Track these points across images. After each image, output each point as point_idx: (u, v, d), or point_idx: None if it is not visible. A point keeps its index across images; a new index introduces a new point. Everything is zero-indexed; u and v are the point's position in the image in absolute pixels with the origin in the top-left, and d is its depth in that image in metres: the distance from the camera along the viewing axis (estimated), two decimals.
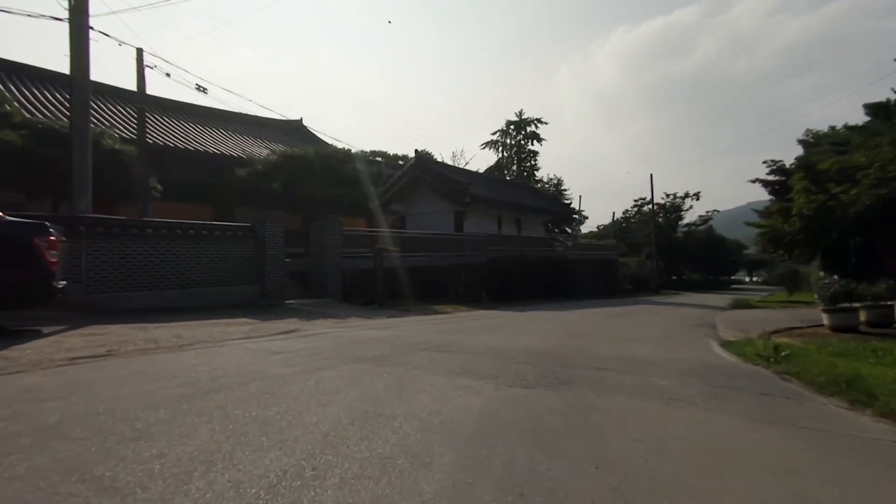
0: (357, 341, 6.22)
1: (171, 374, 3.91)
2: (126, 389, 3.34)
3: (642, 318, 13.36)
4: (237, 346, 5.58)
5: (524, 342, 6.74)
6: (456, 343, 6.25)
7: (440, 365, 4.65)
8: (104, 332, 6.63)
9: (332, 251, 14.41)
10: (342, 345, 5.83)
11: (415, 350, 5.55)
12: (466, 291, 20.29)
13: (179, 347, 5.43)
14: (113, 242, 9.85)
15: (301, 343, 5.97)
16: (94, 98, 19.35)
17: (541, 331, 8.64)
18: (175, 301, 10.57)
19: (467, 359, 5.03)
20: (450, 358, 5.06)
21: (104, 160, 13.43)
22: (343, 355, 5.05)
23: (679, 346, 7.41)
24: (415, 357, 5.07)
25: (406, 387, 3.67)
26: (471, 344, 6.25)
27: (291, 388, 3.51)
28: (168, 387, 3.44)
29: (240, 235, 11.99)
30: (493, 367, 4.57)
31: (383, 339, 6.45)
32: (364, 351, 5.39)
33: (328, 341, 6.19)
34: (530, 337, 7.51)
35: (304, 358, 4.86)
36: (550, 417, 2.94)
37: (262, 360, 4.69)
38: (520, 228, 29.49)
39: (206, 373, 3.96)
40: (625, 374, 4.45)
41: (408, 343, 6.11)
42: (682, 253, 48.20)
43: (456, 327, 8.99)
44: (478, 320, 11.07)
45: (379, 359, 4.89)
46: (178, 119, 21.94)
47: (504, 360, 5.05)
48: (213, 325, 8.05)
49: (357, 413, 2.90)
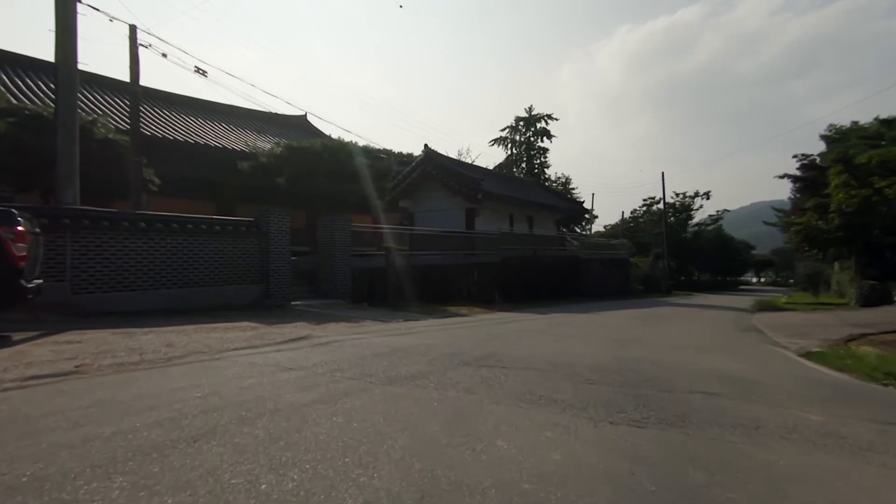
0: (381, 352, 5.19)
1: (148, 403, 2.89)
2: (75, 434, 2.32)
3: (679, 323, 12.30)
4: (238, 360, 4.56)
5: (576, 352, 5.70)
6: (499, 354, 5.22)
7: (498, 387, 3.62)
8: (82, 339, 5.63)
9: (342, 248, 13.40)
10: (365, 357, 4.81)
11: (455, 364, 4.52)
12: (479, 292, 19.29)
13: (167, 361, 4.41)
14: (101, 237, 8.86)
15: (315, 354, 4.94)
16: (86, 88, 18.43)
17: (583, 337, 7.59)
18: (171, 302, 9.58)
19: (527, 378, 4.00)
20: (504, 376, 4.03)
21: (96, 150, 12.46)
22: (370, 373, 4.02)
23: (753, 356, 6.37)
24: (460, 374, 4.04)
25: (471, 425, 2.65)
26: (517, 355, 5.22)
27: (314, 429, 2.49)
28: (139, 428, 2.42)
29: (242, 230, 10.99)
30: (567, 390, 3.54)
31: (411, 349, 5.43)
32: (395, 366, 4.36)
33: (347, 352, 5.17)
34: (578, 345, 6.47)
35: (322, 376, 3.84)
36: (717, 489, 1.91)
37: (269, 380, 3.66)
38: (532, 226, 28.44)
39: (196, 402, 2.94)
40: (743, 401, 3.41)
41: (442, 355, 5.08)
42: (692, 253, 47.09)
43: (485, 333, 7.96)
44: (503, 324, 10.03)
45: (417, 378, 3.86)
46: (178, 112, 20.96)
47: (572, 378, 4.02)
48: (210, 329, 7.04)
49: (422, 481, 1.88)
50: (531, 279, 21.40)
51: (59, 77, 9.46)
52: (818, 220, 17.38)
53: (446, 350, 5.41)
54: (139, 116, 11.52)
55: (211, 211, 15.57)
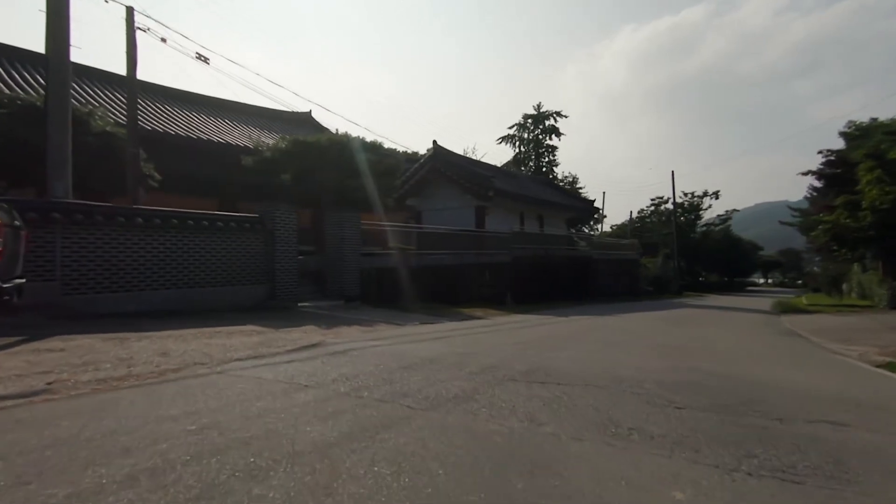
0: (409, 363, 4.47)
1: (124, 444, 2.18)
2: (9, 500, 1.61)
3: (711, 327, 11.53)
4: (243, 373, 3.85)
5: (629, 363, 4.96)
6: (545, 367, 4.49)
7: (567, 413, 2.89)
8: (66, 346, 4.93)
9: (351, 247, 12.69)
10: (392, 371, 4.09)
11: (500, 380, 3.80)
12: (490, 292, 18.58)
13: (159, 376, 3.70)
14: (95, 233, 8.18)
15: (333, 367, 4.23)
16: (83, 82, 17.81)
17: (622, 344, 6.85)
18: (170, 303, 8.89)
19: (595, 399, 3.27)
20: (566, 396, 3.31)
21: (93, 144, 11.83)
22: (404, 392, 3.30)
23: (825, 368, 5.62)
24: (511, 394, 3.32)
25: (563, 478, 1.93)
26: (565, 368, 4.49)
27: (350, 488, 1.77)
28: (104, 489, 1.71)
29: (246, 227, 10.30)
30: (657, 419, 2.82)
31: (441, 360, 4.71)
32: (430, 382, 3.64)
33: (369, 363, 4.45)
34: (623, 354, 5.73)
35: (346, 398, 3.13)
36: None
37: (282, 403, 2.95)
38: (542, 225, 27.69)
39: (188, 441, 2.22)
40: (887, 434, 2.68)
41: (480, 367, 4.36)
42: (700, 254, 46.25)
43: (513, 339, 7.23)
44: (527, 328, 9.31)
45: (462, 400, 3.14)
46: (179, 108, 20.32)
47: (649, 399, 3.29)
48: (212, 334, 6.35)
49: None
50: (543, 280, 20.69)
51: (50, 61, 8.79)
52: (847, 217, 16.56)
53: (483, 361, 4.69)
54: (136, 105, 10.85)
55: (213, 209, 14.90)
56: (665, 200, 48.85)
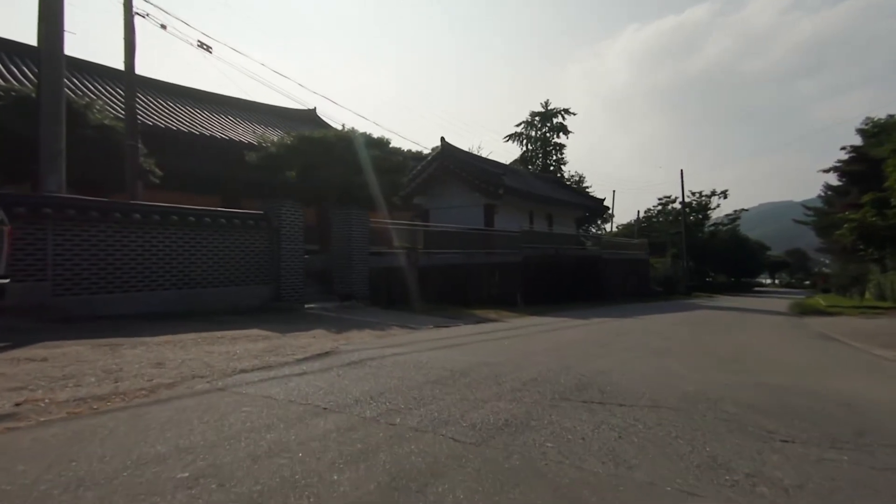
0: (436, 376, 3.89)
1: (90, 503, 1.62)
2: None
3: (744, 331, 10.92)
4: (249, 391, 3.28)
5: (686, 376, 4.37)
6: (596, 381, 3.91)
7: (658, 451, 2.31)
8: (50, 355, 4.38)
9: (358, 246, 12.13)
10: (422, 387, 3.51)
11: (551, 400, 3.22)
12: (500, 293, 18.00)
13: (150, 393, 3.14)
14: (90, 230, 7.64)
15: (353, 381, 3.65)
16: (86, 77, 17.34)
17: (666, 352, 6.24)
18: (170, 305, 8.35)
19: (676, 427, 2.68)
20: (644, 425, 2.72)
21: (91, 137, 11.31)
22: (444, 418, 2.73)
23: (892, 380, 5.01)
24: (571, 420, 2.75)
25: None
26: (621, 382, 3.90)
27: None
28: None
29: (250, 224, 9.75)
30: (775, 461, 2.23)
31: (473, 372, 4.13)
32: (469, 403, 3.07)
33: (392, 376, 3.88)
34: (674, 364, 5.13)
35: (376, 426, 2.55)
36: None
37: (297, 435, 2.38)
38: (551, 224, 27.07)
39: (174, 501, 1.66)
40: None
41: (521, 382, 3.78)
42: (707, 254, 45.51)
43: (542, 346, 6.64)
44: (551, 333, 8.72)
45: (517, 429, 2.57)
46: (181, 104, 19.80)
47: (741, 428, 2.70)
48: (214, 340, 5.80)
49: None
50: (552, 280, 20.10)
51: (42, 46, 8.27)
52: (874, 216, 15.88)
53: (521, 374, 4.10)
54: (135, 94, 10.31)
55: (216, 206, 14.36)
56: (673, 200, 48.16)
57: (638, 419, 2.81)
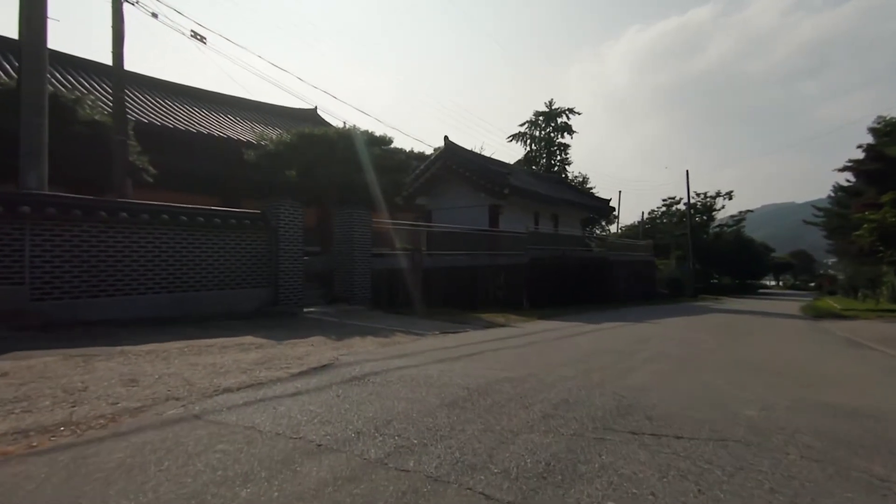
0: (452, 397, 3.35)
1: None
2: None
3: (767, 337, 10.34)
4: (229, 419, 2.74)
5: (743, 397, 3.80)
6: (637, 403, 3.36)
7: None
8: (11, 369, 3.85)
9: (361, 246, 11.59)
10: (435, 413, 2.96)
11: (595, 432, 2.68)
12: (505, 295, 17.45)
13: (110, 423, 2.60)
14: (72, 230, 7.12)
15: (353, 406, 3.11)
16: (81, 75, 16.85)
17: (699, 363, 5.69)
18: (160, 309, 7.83)
19: (770, 475, 2.13)
20: (722, 471, 2.17)
21: (81, 134, 10.81)
22: (469, 462, 2.18)
23: None
24: (635, 466, 2.20)
25: None
26: (665, 404, 3.35)
27: None
28: None
29: (246, 224, 9.22)
30: None
31: (493, 392, 3.58)
32: (496, 436, 2.52)
33: (399, 397, 3.33)
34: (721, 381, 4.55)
35: (384, 475, 2.01)
36: None
37: (282, 492, 1.84)
38: (557, 225, 26.51)
39: None
40: None
41: (552, 405, 3.23)
42: (712, 255, 44.90)
43: (563, 356, 6.09)
44: (568, 339, 8.17)
45: (567, 480, 2.02)
46: (181, 103, 19.29)
47: (849, 478, 2.15)
48: (201, 349, 5.26)
49: None
50: (558, 282, 19.55)
51: (23, 34, 7.75)
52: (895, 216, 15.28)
53: (549, 394, 3.55)
54: (124, 87, 9.79)
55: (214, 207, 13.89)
56: (677, 201, 47.58)
57: (710, 461, 2.26)
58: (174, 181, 13.99)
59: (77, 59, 17.42)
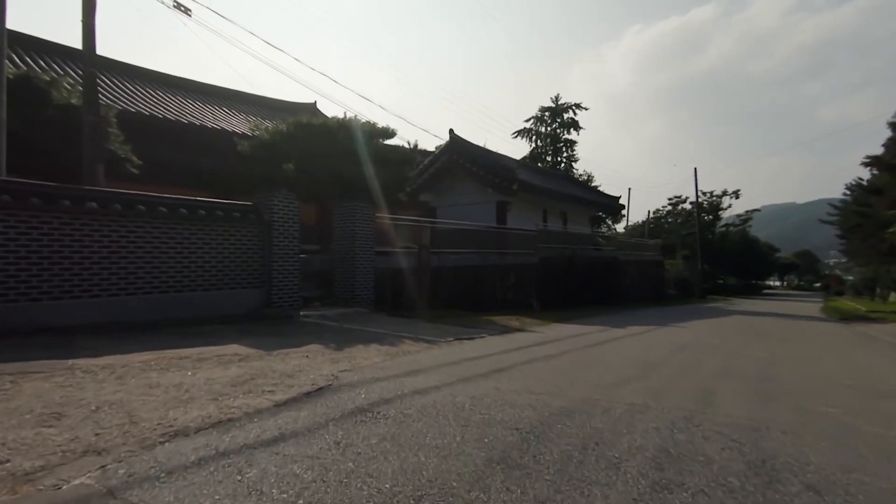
0: (498, 446, 2.36)
1: None
2: None
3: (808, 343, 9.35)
4: (163, 499, 1.75)
5: (874, 432, 2.84)
6: (773, 455, 2.38)
7: None
8: None
9: (363, 243, 10.61)
10: (479, 475, 1.98)
11: None
12: (515, 297, 16.44)
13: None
14: (29, 221, 6.14)
15: (359, 464, 2.13)
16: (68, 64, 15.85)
17: (783, 383, 4.70)
18: (135, 313, 6.85)
19: None
20: None
21: (56, 118, 9.86)
22: None
23: None
24: None
25: None
26: (806, 455, 2.37)
27: None
28: None
29: (236, 217, 8.24)
30: None
31: (548, 432, 2.61)
32: None
33: (424, 446, 2.34)
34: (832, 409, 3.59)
35: None
36: None
37: None
38: (566, 223, 25.51)
39: None
40: None
41: (647, 457, 2.25)
42: (718, 255, 43.99)
43: (609, 369, 5.10)
44: (599, 346, 7.19)
45: None
46: (173, 94, 18.27)
47: None
48: (171, 363, 4.27)
49: None
50: (568, 282, 18.58)
51: None
52: None
53: (632, 440, 2.55)
54: (95, 57, 8.80)
55: None
56: (683, 200, 46.64)
57: None
58: (163, 174, 13.02)
59: (59, 46, 16.40)
